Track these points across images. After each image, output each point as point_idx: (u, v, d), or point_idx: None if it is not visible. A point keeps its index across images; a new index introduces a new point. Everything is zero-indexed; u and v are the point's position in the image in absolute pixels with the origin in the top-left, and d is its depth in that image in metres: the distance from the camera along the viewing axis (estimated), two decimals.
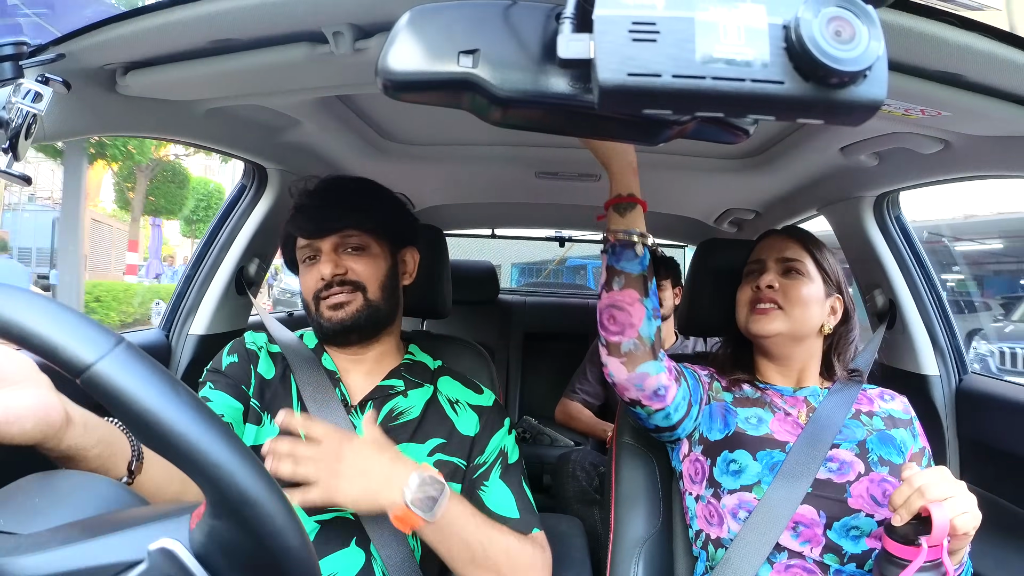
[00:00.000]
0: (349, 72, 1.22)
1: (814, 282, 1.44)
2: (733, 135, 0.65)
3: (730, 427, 1.39)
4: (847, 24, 0.45)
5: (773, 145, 1.94)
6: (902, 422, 1.42)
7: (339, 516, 1.25)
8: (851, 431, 1.38)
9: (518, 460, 1.44)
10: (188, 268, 2.10)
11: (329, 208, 1.38)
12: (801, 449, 1.32)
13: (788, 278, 1.44)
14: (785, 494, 1.27)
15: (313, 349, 1.43)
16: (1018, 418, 1.68)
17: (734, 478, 1.33)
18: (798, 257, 1.46)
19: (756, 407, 1.42)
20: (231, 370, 1.35)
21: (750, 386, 1.47)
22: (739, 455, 1.35)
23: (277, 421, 1.17)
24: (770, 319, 1.41)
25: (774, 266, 1.47)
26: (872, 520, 1.25)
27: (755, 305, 1.44)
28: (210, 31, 1.07)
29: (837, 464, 1.32)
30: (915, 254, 2.00)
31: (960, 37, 0.93)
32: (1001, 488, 1.06)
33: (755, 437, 1.37)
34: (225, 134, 1.71)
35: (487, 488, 1.36)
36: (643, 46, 0.46)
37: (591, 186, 2.49)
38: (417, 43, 0.55)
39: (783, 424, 1.39)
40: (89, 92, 1.22)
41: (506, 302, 3.87)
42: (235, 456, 0.55)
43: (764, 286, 1.43)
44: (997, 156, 1.39)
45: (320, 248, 1.38)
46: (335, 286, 1.35)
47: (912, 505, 1.04)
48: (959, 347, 1.98)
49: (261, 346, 1.42)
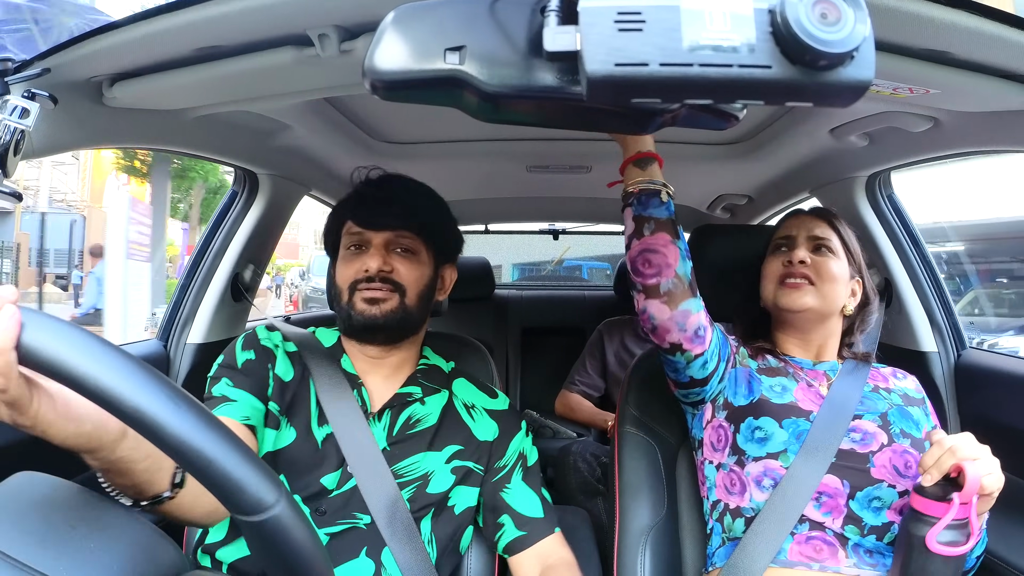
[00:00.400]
0: (336, 74, 1.21)
1: (842, 261, 1.45)
2: (723, 121, 0.65)
3: (755, 393, 1.39)
4: (832, 6, 0.45)
5: (763, 130, 1.95)
6: (916, 401, 1.44)
7: (350, 527, 1.24)
8: (873, 403, 1.39)
9: (536, 462, 1.45)
10: (183, 277, 2.10)
11: (391, 204, 1.37)
12: (825, 419, 1.33)
13: (819, 255, 1.45)
14: (812, 465, 1.28)
15: (330, 349, 1.40)
16: (1018, 391, 1.68)
17: (760, 445, 1.33)
18: (828, 236, 1.47)
19: (780, 376, 1.43)
20: (249, 367, 1.31)
21: (773, 356, 1.48)
22: (764, 422, 1.35)
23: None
24: (802, 293, 1.41)
25: (805, 243, 1.47)
26: (894, 491, 1.26)
27: (785, 279, 1.44)
28: (195, 39, 1.07)
29: (860, 435, 1.32)
30: (908, 232, 2.00)
31: (945, 15, 0.93)
32: (1004, 462, 1.07)
33: (780, 405, 1.36)
34: (214, 141, 1.70)
35: (510, 489, 1.37)
36: (629, 36, 0.46)
37: (583, 178, 2.49)
38: (403, 42, 0.55)
39: (807, 393, 1.39)
40: (76, 105, 1.22)
41: (502, 297, 3.87)
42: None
43: (797, 261, 1.43)
44: (987, 131, 1.39)
45: (371, 240, 1.35)
46: (376, 281, 1.32)
47: (943, 464, 1.05)
48: (956, 323, 1.98)
49: (277, 344, 1.37)
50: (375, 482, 1.26)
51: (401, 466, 1.30)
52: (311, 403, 1.32)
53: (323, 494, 1.25)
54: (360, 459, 1.27)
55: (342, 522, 1.23)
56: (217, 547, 1.21)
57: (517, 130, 1.90)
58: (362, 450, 1.27)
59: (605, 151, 2.15)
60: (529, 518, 1.34)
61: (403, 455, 1.32)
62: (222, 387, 1.26)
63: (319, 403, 1.31)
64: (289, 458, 1.26)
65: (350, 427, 1.29)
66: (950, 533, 1.04)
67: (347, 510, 1.24)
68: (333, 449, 1.27)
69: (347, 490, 1.25)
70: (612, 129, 0.87)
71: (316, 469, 1.26)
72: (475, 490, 1.37)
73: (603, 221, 3.92)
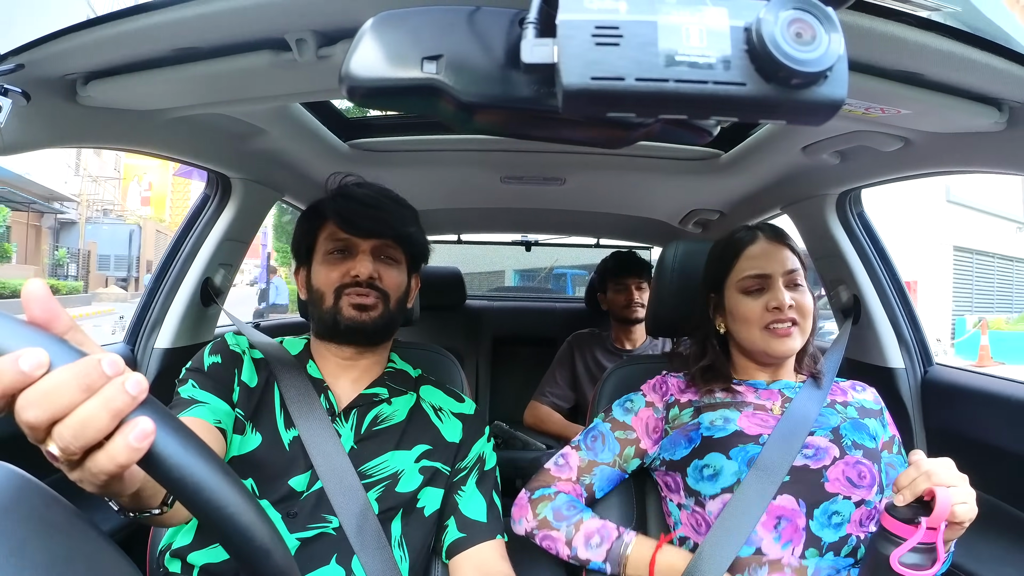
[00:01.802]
0: (313, 79, 1.21)
1: (808, 289, 1.42)
2: (697, 136, 0.65)
3: (694, 441, 1.37)
4: (807, 26, 0.46)
5: (736, 146, 1.96)
6: (873, 412, 1.44)
7: (320, 532, 1.24)
8: (825, 419, 1.38)
9: (493, 467, 1.46)
10: (152, 280, 2.07)
11: (381, 211, 1.38)
12: (779, 439, 1.31)
13: (796, 291, 1.40)
14: (760, 486, 1.26)
15: (297, 356, 1.41)
16: (982, 407, 1.71)
17: (712, 483, 1.31)
18: (797, 267, 1.42)
19: (722, 408, 1.40)
20: (215, 371, 1.32)
21: (724, 392, 1.45)
22: (711, 459, 1.33)
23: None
24: (791, 339, 1.38)
25: (785, 280, 1.41)
26: (850, 502, 1.26)
27: (772, 326, 1.38)
28: (172, 39, 1.06)
29: (813, 450, 1.31)
30: (878, 249, 2.03)
31: (918, 37, 0.95)
32: (969, 477, 1.08)
33: (724, 438, 1.34)
34: (189, 144, 1.69)
35: (463, 493, 1.38)
36: (606, 50, 0.46)
37: (557, 190, 2.50)
38: (381, 49, 0.55)
39: (752, 420, 1.37)
40: (49, 103, 1.20)
41: (473, 308, 3.87)
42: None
43: (785, 307, 1.37)
44: (956, 152, 1.42)
45: (358, 246, 1.37)
46: (365, 287, 1.34)
47: (917, 487, 1.05)
48: (923, 340, 2.01)
49: (244, 350, 1.38)
50: (340, 483, 1.26)
51: (370, 466, 1.31)
52: (276, 407, 1.32)
53: (293, 497, 1.25)
54: (326, 460, 1.27)
55: (312, 526, 1.23)
56: (187, 551, 1.20)
57: (492, 140, 1.90)
58: (328, 451, 1.28)
59: (579, 163, 2.17)
60: (472, 520, 1.35)
61: (371, 454, 1.32)
62: (189, 389, 1.27)
63: (285, 407, 1.32)
64: (256, 462, 1.26)
65: (316, 429, 1.29)
66: (915, 556, 1.04)
67: (317, 512, 1.24)
68: (300, 451, 1.27)
69: (316, 491, 1.25)
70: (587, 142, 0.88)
71: (284, 472, 1.26)
72: (440, 491, 1.37)
73: (575, 233, 3.94)
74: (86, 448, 0.53)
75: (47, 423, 0.52)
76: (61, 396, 0.51)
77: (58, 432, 0.52)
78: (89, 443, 0.53)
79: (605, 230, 3.77)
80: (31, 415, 0.51)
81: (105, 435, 0.53)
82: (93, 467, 0.54)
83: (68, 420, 0.52)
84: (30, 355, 0.51)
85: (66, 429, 0.52)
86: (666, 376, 1.54)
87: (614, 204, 2.88)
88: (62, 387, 0.51)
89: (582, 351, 3.04)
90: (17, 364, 0.50)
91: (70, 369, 0.52)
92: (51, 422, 0.52)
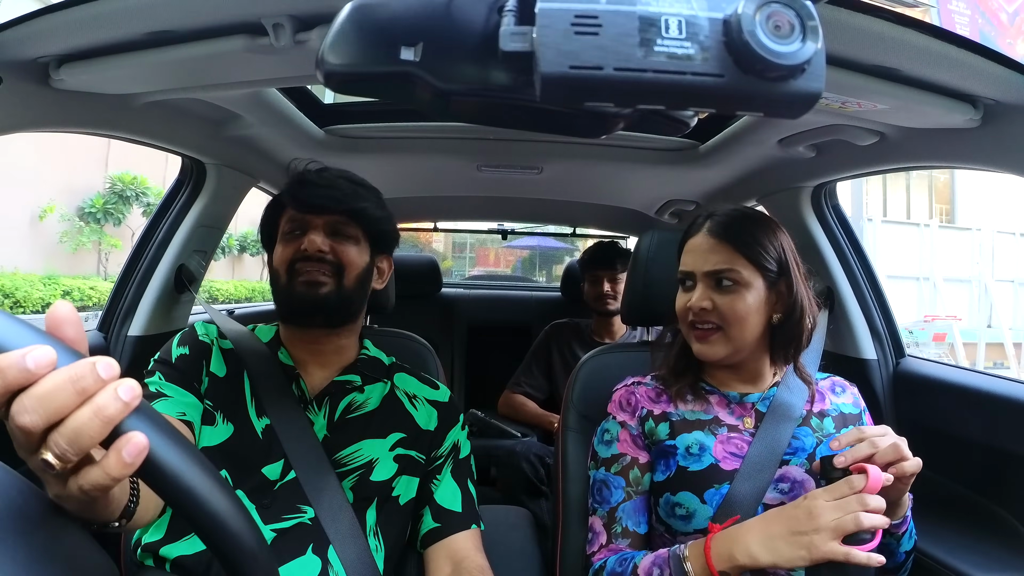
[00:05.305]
0: (289, 64, 1.20)
1: (751, 288, 1.28)
2: (674, 127, 0.65)
3: (671, 467, 1.30)
4: (786, 19, 0.46)
5: (713, 137, 1.97)
6: (852, 418, 1.37)
7: (295, 523, 1.23)
8: (801, 441, 1.30)
9: (468, 455, 1.46)
10: (124, 267, 2.04)
11: (334, 189, 1.37)
12: (747, 475, 1.25)
13: (722, 292, 1.29)
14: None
15: (268, 343, 1.40)
16: (951, 398, 1.74)
17: (684, 523, 1.26)
18: (728, 265, 1.28)
19: (697, 430, 1.32)
20: (182, 363, 1.31)
21: (693, 396, 1.38)
22: (683, 498, 1.26)
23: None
24: (711, 345, 1.31)
25: (704, 281, 1.31)
26: None
27: (693, 325, 1.33)
28: (147, 22, 1.04)
29: (788, 484, 1.25)
30: (852, 242, 2.06)
31: (896, 32, 0.96)
32: (938, 466, 1.10)
33: (699, 473, 1.27)
34: (163, 129, 1.67)
35: (438, 482, 1.38)
36: (585, 39, 0.46)
37: (533, 178, 2.50)
38: (358, 36, 0.54)
39: (727, 447, 1.30)
40: (21, 87, 1.18)
41: (449, 296, 3.88)
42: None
43: (696, 308, 1.30)
44: (930, 148, 1.44)
45: (311, 222, 1.35)
46: (314, 262, 1.32)
47: (858, 452, 1.07)
48: (896, 331, 2.04)
49: (214, 339, 1.37)
50: (314, 470, 1.26)
51: (344, 454, 1.30)
52: (247, 396, 1.31)
53: (267, 486, 1.24)
54: (298, 447, 1.26)
55: (287, 517, 1.22)
56: (159, 545, 1.19)
57: (469, 128, 1.90)
58: (300, 438, 1.27)
59: (556, 152, 2.17)
60: (446, 510, 1.35)
61: (345, 442, 1.32)
62: (156, 382, 1.26)
63: (256, 395, 1.31)
64: (228, 452, 1.25)
65: (288, 417, 1.29)
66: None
67: (292, 502, 1.23)
68: (273, 439, 1.27)
69: (290, 480, 1.25)
70: (563, 131, 0.88)
71: (257, 461, 1.25)
72: (416, 480, 1.37)
73: (552, 222, 3.95)
74: (82, 455, 0.52)
75: (43, 428, 0.50)
76: (56, 399, 0.50)
77: (54, 439, 0.51)
78: (84, 450, 0.51)
79: (581, 219, 3.79)
80: (27, 419, 0.50)
81: (98, 443, 0.52)
82: (85, 482, 0.53)
83: (62, 428, 0.50)
84: (38, 353, 0.49)
85: (61, 436, 0.50)
86: (633, 387, 1.44)
87: (591, 193, 2.89)
88: (58, 390, 0.50)
89: (559, 342, 3.05)
90: (24, 361, 0.49)
91: (65, 372, 0.50)
92: (47, 427, 0.51)
